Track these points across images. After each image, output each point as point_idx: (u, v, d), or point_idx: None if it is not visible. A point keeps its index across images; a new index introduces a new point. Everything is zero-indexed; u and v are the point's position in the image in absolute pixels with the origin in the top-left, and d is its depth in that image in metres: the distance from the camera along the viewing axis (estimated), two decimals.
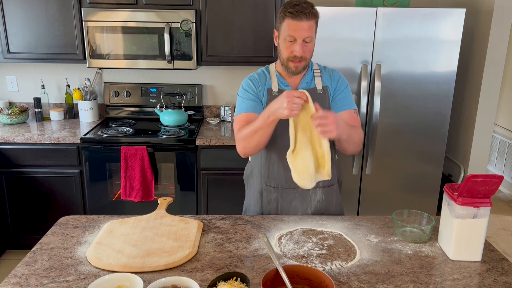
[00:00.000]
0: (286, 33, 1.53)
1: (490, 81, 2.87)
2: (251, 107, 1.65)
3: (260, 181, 1.74)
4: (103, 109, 3.32)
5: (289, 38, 1.53)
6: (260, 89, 1.68)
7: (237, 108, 1.69)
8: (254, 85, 1.68)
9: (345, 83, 1.71)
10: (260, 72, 1.73)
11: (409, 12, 2.59)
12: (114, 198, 2.83)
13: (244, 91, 1.69)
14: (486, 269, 1.28)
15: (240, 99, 1.69)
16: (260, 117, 1.51)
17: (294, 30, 1.51)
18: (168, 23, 2.76)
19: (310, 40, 1.54)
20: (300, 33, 1.51)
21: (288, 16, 1.51)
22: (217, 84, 3.32)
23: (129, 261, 1.26)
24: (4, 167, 2.76)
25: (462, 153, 3.14)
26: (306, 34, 1.51)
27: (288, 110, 1.37)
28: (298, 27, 1.50)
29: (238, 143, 1.63)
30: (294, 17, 1.49)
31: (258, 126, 1.51)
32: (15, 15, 2.80)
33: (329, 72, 1.72)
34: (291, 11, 1.50)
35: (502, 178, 1.23)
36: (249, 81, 1.70)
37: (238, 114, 1.67)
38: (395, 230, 1.48)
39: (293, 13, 1.49)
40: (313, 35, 1.55)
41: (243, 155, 1.66)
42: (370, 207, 2.93)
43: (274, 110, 1.43)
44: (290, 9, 1.50)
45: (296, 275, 1.14)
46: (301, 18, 1.49)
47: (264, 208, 1.74)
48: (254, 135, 1.54)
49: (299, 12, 1.48)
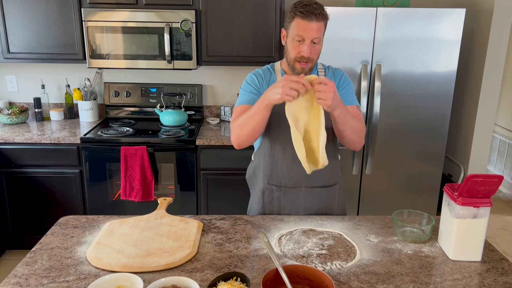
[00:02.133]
0: (294, 32, 1.52)
1: (490, 81, 2.88)
2: (251, 100, 1.64)
3: (263, 179, 1.73)
4: (103, 109, 3.32)
5: (298, 37, 1.52)
6: (264, 85, 1.67)
7: (237, 100, 1.70)
8: (258, 80, 1.68)
9: (348, 80, 1.72)
10: (265, 69, 1.72)
11: (409, 12, 2.59)
12: (114, 198, 2.83)
13: (247, 84, 1.69)
14: (486, 269, 1.28)
15: (242, 91, 1.69)
16: (256, 103, 1.51)
17: (303, 30, 1.50)
18: (168, 23, 2.76)
19: (318, 41, 1.54)
20: (309, 34, 1.50)
21: (298, 15, 1.50)
22: (217, 84, 3.32)
23: (129, 261, 1.26)
24: (4, 167, 2.76)
25: (462, 153, 3.14)
26: (315, 35, 1.51)
27: (281, 94, 1.37)
28: (308, 27, 1.49)
29: (232, 132, 1.63)
30: (304, 17, 1.49)
31: (252, 112, 1.51)
32: (15, 15, 2.80)
33: (333, 71, 1.73)
34: (301, 11, 1.49)
35: (502, 178, 1.23)
36: (253, 76, 1.70)
37: (238, 105, 1.67)
38: (395, 230, 1.48)
39: (304, 13, 1.48)
40: (321, 37, 1.55)
41: (236, 145, 1.64)
42: (370, 207, 2.93)
43: (269, 94, 1.43)
44: (300, 9, 1.49)
45: (296, 275, 1.14)
46: (311, 19, 1.48)
47: (266, 207, 1.74)
48: (249, 121, 1.53)
49: (309, 13, 1.48)
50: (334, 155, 1.73)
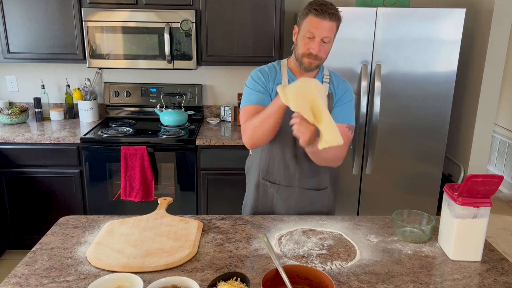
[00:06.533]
0: (306, 29, 1.53)
1: (490, 81, 2.87)
2: (260, 100, 1.63)
3: (258, 174, 1.74)
4: (103, 109, 3.32)
5: (309, 34, 1.53)
6: (270, 82, 1.66)
7: (245, 99, 1.67)
8: (264, 77, 1.67)
9: (350, 97, 1.69)
10: (271, 66, 1.71)
11: (409, 12, 2.59)
12: (114, 198, 2.83)
13: (254, 82, 1.67)
14: (486, 269, 1.28)
15: (249, 90, 1.67)
16: (270, 104, 1.51)
17: (315, 28, 1.51)
18: (168, 23, 2.76)
19: (329, 41, 1.55)
20: (320, 32, 1.51)
21: (312, 12, 1.51)
22: (217, 84, 3.32)
23: (129, 261, 1.26)
24: (4, 167, 2.76)
25: (462, 153, 3.14)
26: (326, 33, 1.52)
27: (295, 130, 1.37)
28: (320, 25, 1.50)
29: (244, 132, 1.60)
30: (318, 14, 1.50)
31: (267, 112, 1.50)
32: (15, 15, 2.80)
33: (338, 82, 1.70)
34: (316, 8, 1.51)
35: (502, 178, 1.23)
36: (259, 73, 1.68)
37: (246, 105, 1.64)
38: (395, 230, 1.48)
39: (318, 11, 1.50)
40: (332, 37, 1.56)
41: (250, 145, 1.63)
42: (370, 207, 2.93)
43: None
44: (315, 6, 1.51)
45: (296, 275, 1.14)
46: (324, 17, 1.50)
47: (260, 202, 1.74)
48: (263, 123, 1.52)
49: (323, 11, 1.50)
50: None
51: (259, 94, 1.64)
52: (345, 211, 2.92)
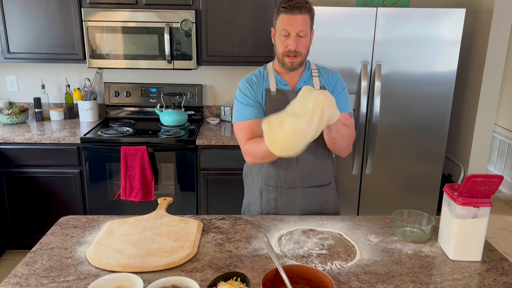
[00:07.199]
0: (280, 27, 1.56)
1: (490, 81, 2.87)
2: (252, 114, 1.64)
3: (260, 180, 1.74)
4: (103, 109, 3.32)
5: (283, 32, 1.55)
6: (259, 91, 1.67)
7: (236, 113, 1.67)
8: (252, 88, 1.67)
9: (343, 86, 1.71)
10: (257, 72, 1.72)
11: (409, 12, 2.59)
12: (114, 198, 2.83)
13: (243, 95, 1.67)
14: (486, 269, 1.28)
15: (240, 104, 1.67)
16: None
17: (288, 24, 1.53)
18: (168, 23, 2.76)
19: (304, 34, 1.56)
20: (293, 27, 1.53)
21: (282, 11, 1.54)
22: (217, 84, 3.32)
23: (129, 261, 1.26)
24: (4, 167, 2.76)
25: (462, 153, 3.14)
26: (299, 28, 1.53)
27: None
28: (291, 21, 1.52)
29: (246, 155, 1.64)
30: (287, 11, 1.52)
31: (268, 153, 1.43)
32: (15, 15, 2.80)
33: (328, 73, 1.72)
34: (284, 6, 1.53)
35: (502, 178, 1.23)
36: (246, 84, 1.68)
37: (240, 121, 1.65)
38: (395, 230, 1.48)
39: (287, 7, 1.53)
40: (307, 30, 1.56)
41: (251, 164, 1.69)
42: (370, 207, 2.93)
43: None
44: (284, 4, 1.54)
45: (296, 275, 1.14)
46: (294, 12, 1.52)
47: (264, 207, 1.75)
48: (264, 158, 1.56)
49: (292, 6, 1.52)
50: (328, 156, 1.75)
51: (249, 108, 1.65)
52: (345, 211, 2.92)
